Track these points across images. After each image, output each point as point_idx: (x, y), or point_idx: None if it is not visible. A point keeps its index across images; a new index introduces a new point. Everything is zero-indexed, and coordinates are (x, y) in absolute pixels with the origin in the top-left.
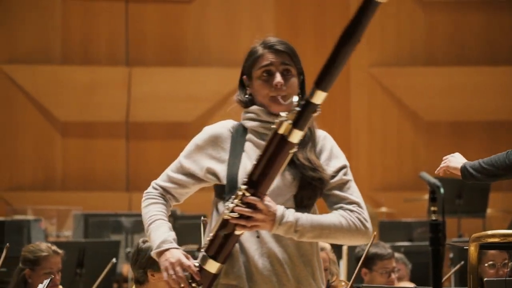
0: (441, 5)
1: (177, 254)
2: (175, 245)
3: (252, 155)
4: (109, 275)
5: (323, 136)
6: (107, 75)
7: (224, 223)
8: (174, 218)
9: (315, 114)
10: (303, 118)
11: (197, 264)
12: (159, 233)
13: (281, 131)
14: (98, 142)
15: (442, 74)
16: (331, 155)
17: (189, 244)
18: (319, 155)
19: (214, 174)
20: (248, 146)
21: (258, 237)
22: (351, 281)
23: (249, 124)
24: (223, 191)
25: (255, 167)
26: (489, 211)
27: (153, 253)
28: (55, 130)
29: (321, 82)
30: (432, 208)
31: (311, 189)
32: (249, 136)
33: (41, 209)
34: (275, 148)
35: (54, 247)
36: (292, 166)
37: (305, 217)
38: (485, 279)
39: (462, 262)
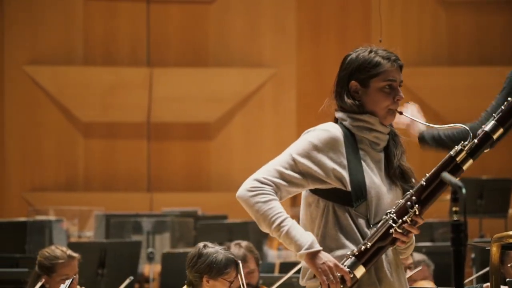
0: (464, 6)
1: (331, 257)
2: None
3: (370, 164)
4: (130, 275)
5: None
6: (129, 75)
7: (386, 235)
8: (195, 219)
9: (489, 149)
10: (480, 150)
11: (347, 269)
12: (302, 232)
13: (458, 158)
14: (120, 142)
15: (464, 75)
16: None
17: None
18: None
19: (340, 179)
20: (364, 155)
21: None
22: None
23: (362, 133)
24: (348, 197)
25: (426, 187)
26: (511, 211)
27: (303, 253)
28: (77, 131)
29: (505, 122)
30: (454, 209)
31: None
32: (362, 145)
33: (63, 210)
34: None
35: (69, 252)
36: (395, 175)
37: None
38: (507, 279)
39: (487, 269)
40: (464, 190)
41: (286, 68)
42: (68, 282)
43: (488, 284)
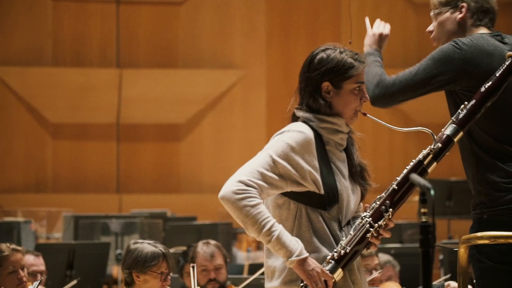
0: None
1: (317, 263)
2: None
3: (338, 166)
4: (98, 276)
5: None
6: (98, 77)
7: (363, 240)
8: (164, 220)
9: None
10: (443, 154)
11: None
12: (290, 238)
13: (425, 161)
14: (89, 144)
15: None
16: None
17: (178, 246)
18: None
19: (314, 182)
20: (332, 157)
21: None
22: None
23: (329, 135)
24: (321, 200)
25: (397, 191)
26: None
27: (293, 259)
28: (46, 132)
29: (464, 125)
30: (422, 210)
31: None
32: (329, 147)
33: (31, 211)
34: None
35: (13, 245)
36: (356, 173)
37: None
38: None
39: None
40: (432, 192)
41: (255, 70)
42: (36, 283)
43: (450, 282)
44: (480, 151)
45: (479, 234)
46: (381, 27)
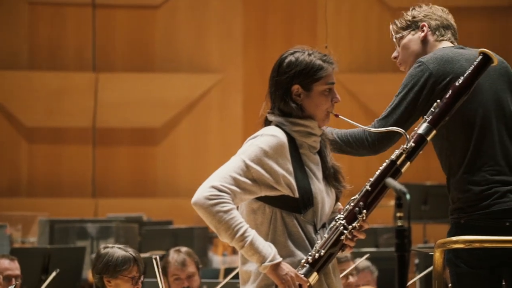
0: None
1: (290, 267)
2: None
3: (312, 169)
4: (74, 281)
5: None
6: (75, 80)
7: (337, 242)
8: (140, 224)
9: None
10: (417, 153)
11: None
12: (264, 243)
13: (398, 161)
14: (65, 148)
15: None
16: None
17: (155, 250)
18: None
19: (289, 185)
20: (306, 160)
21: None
22: None
23: (302, 138)
24: (296, 204)
25: (371, 192)
26: None
27: (267, 265)
28: (20, 136)
29: (437, 123)
30: (398, 214)
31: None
32: (303, 150)
33: (6, 215)
34: (389, 176)
35: None
36: (330, 175)
37: None
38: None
39: (431, 267)
40: (408, 196)
41: (232, 74)
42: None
43: None
44: (457, 158)
45: (454, 238)
46: None
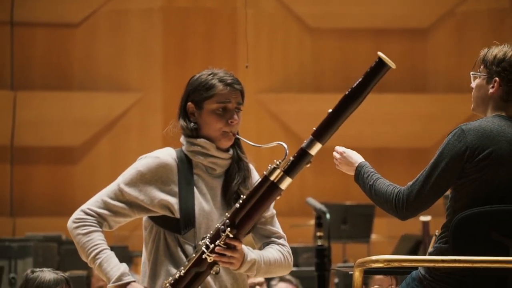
0: (328, 33)
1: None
2: (133, 278)
3: (203, 190)
4: None
5: (252, 169)
6: None
7: (200, 261)
8: (59, 243)
9: (307, 165)
10: (297, 167)
11: None
12: (114, 265)
13: (272, 177)
14: None
15: (330, 101)
16: None
17: (73, 270)
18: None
19: (167, 207)
20: (197, 181)
21: (217, 273)
22: None
23: (197, 158)
24: (177, 225)
25: (240, 209)
26: (373, 236)
27: (111, 286)
28: None
29: (321, 135)
30: (318, 234)
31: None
32: (198, 170)
33: None
34: (263, 193)
35: None
36: (232, 199)
37: (259, 255)
38: None
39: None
40: (328, 215)
41: (152, 93)
42: None
43: None
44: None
45: (374, 257)
46: (339, 149)
